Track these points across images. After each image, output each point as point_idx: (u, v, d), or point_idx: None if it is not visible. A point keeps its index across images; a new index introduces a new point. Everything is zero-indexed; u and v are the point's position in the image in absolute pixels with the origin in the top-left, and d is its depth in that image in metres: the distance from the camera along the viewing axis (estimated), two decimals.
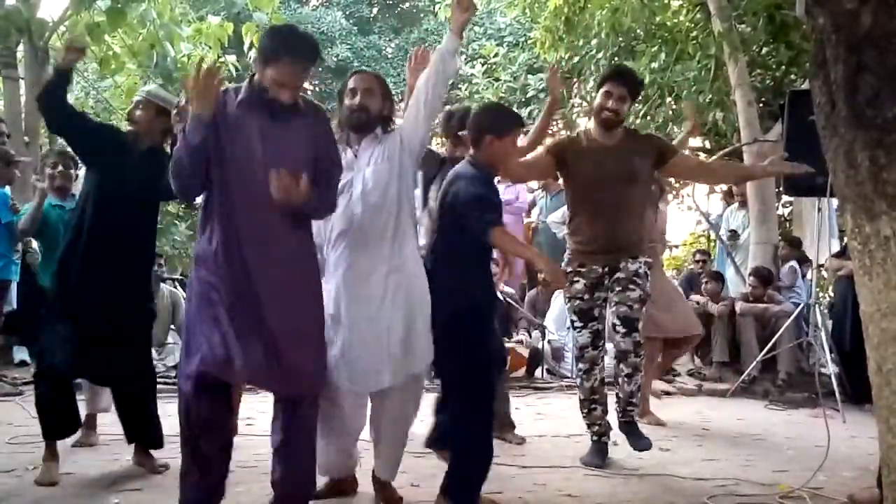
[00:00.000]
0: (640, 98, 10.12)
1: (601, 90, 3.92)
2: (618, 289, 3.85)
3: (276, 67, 2.70)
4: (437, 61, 3.07)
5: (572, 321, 4.00)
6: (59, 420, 3.46)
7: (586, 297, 3.89)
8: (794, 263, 7.55)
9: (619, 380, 3.91)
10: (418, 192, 3.71)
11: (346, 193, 3.03)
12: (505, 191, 7.60)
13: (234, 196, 2.74)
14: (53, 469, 3.37)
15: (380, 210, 3.02)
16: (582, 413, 4.01)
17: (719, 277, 7.30)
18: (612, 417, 3.96)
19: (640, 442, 3.89)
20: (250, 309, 2.70)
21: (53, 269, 3.61)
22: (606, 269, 3.88)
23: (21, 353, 6.10)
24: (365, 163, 3.07)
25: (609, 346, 4.35)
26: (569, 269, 3.93)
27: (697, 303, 7.02)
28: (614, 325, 3.87)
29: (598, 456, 3.94)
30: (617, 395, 3.95)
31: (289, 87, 2.74)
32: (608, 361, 4.21)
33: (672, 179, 10.65)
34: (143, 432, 3.61)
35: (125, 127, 3.86)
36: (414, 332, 3.01)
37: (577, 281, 3.90)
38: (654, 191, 4.73)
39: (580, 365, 3.97)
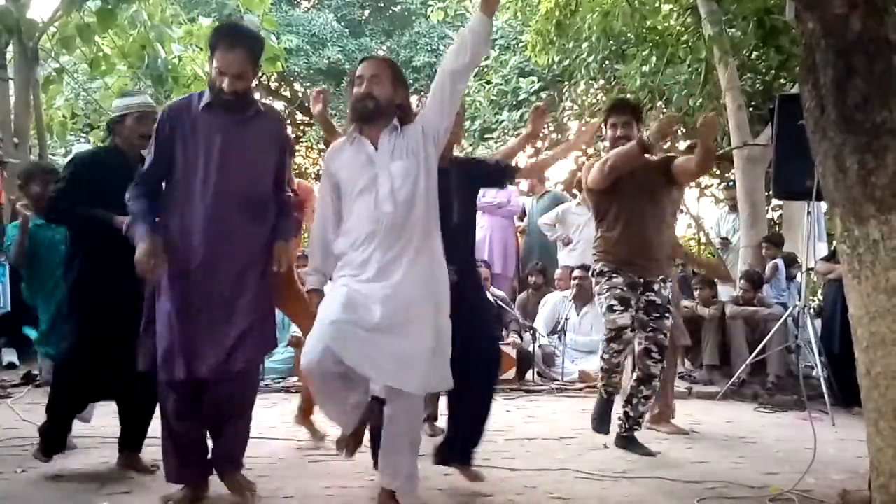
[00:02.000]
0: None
1: (607, 125, 4.19)
2: (655, 315, 4.14)
3: (216, 58, 2.93)
4: (464, 44, 2.83)
5: (611, 305, 4.09)
6: (58, 441, 3.50)
7: (625, 289, 4.11)
8: (777, 261, 7.58)
9: (635, 400, 4.19)
10: None
11: (371, 191, 2.87)
12: (497, 193, 7.61)
13: (194, 194, 2.92)
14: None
15: (411, 206, 2.86)
16: (601, 376, 4.22)
17: (711, 283, 7.32)
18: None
19: (641, 449, 4.15)
20: (199, 304, 2.92)
21: (45, 290, 3.69)
22: (642, 281, 4.15)
23: (9, 356, 6.06)
24: (387, 158, 2.89)
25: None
26: (605, 269, 4.16)
27: (686, 307, 7.03)
28: (648, 350, 4.13)
29: (605, 409, 4.20)
30: (627, 413, 4.21)
31: (228, 74, 2.91)
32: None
33: None
34: (137, 437, 3.60)
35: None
36: (445, 343, 2.89)
37: (617, 277, 4.12)
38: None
39: (613, 345, 4.09)
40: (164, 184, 3.04)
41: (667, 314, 4.16)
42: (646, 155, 3.92)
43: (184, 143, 2.96)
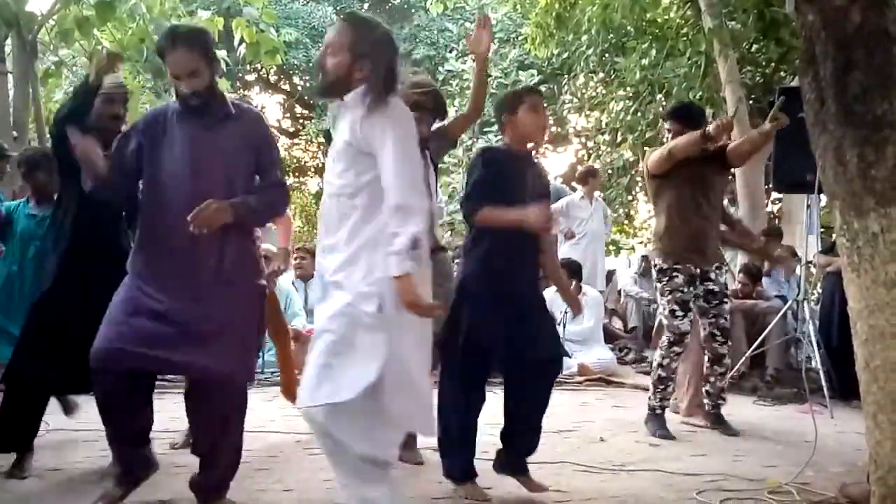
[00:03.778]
0: (630, 94, 10.17)
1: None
2: (714, 301, 4.45)
3: (167, 63, 2.85)
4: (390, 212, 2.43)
5: (673, 310, 4.39)
6: (22, 434, 3.36)
7: (685, 289, 4.39)
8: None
9: (712, 378, 4.60)
10: None
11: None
12: None
13: (164, 205, 2.85)
14: (27, 462, 3.34)
15: (336, 196, 2.56)
16: (657, 388, 4.50)
17: None
18: (604, 412, 3.97)
19: (729, 430, 4.57)
20: (170, 308, 2.78)
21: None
22: (699, 271, 4.40)
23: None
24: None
25: None
26: (665, 266, 4.42)
27: None
28: (713, 335, 4.48)
29: (662, 424, 4.50)
30: (708, 391, 4.66)
31: (181, 76, 2.83)
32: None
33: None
34: None
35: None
36: None
37: (677, 276, 4.38)
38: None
39: (675, 348, 4.42)
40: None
41: (725, 299, 4.48)
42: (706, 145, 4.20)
43: (154, 150, 2.89)
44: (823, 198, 5.69)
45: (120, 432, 2.90)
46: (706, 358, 4.60)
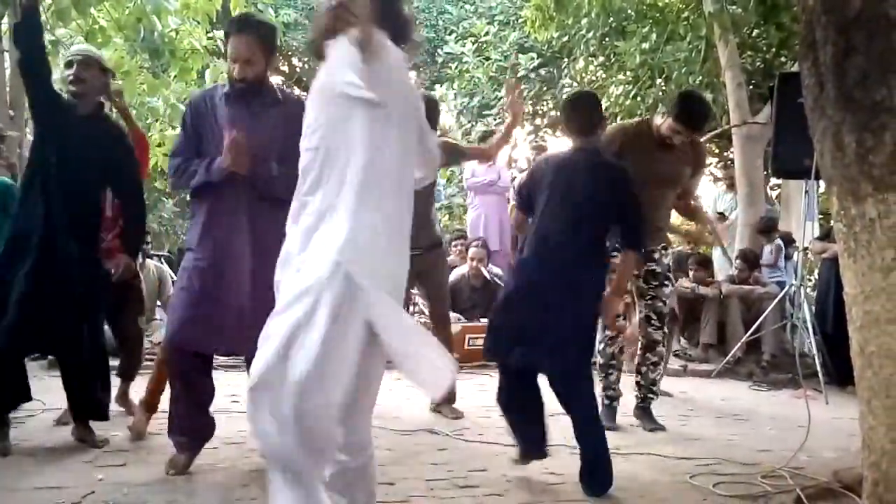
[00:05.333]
0: (630, 78, 10.12)
1: (671, 125, 3.99)
2: (654, 283, 4.19)
3: (228, 47, 3.06)
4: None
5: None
6: (5, 392, 3.41)
7: None
8: (779, 242, 7.58)
9: (644, 368, 4.27)
10: None
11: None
12: (486, 171, 7.62)
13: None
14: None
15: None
16: (599, 376, 4.19)
17: (706, 263, 7.31)
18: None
19: (653, 423, 4.25)
20: (221, 279, 3.02)
21: None
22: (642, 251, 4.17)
23: None
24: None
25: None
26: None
27: (686, 287, 7.02)
28: (648, 318, 4.20)
29: (610, 418, 4.16)
30: (639, 382, 4.31)
31: (238, 60, 3.02)
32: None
33: None
34: (87, 405, 3.59)
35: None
36: None
37: (614, 255, 4.09)
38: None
39: (606, 332, 4.19)
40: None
41: (666, 282, 4.24)
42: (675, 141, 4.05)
43: (205, 131, 3.11)
44: (822, 183, 5.68)
45: (194, 402, 3.16)
46: (639, 345, 4.30)
